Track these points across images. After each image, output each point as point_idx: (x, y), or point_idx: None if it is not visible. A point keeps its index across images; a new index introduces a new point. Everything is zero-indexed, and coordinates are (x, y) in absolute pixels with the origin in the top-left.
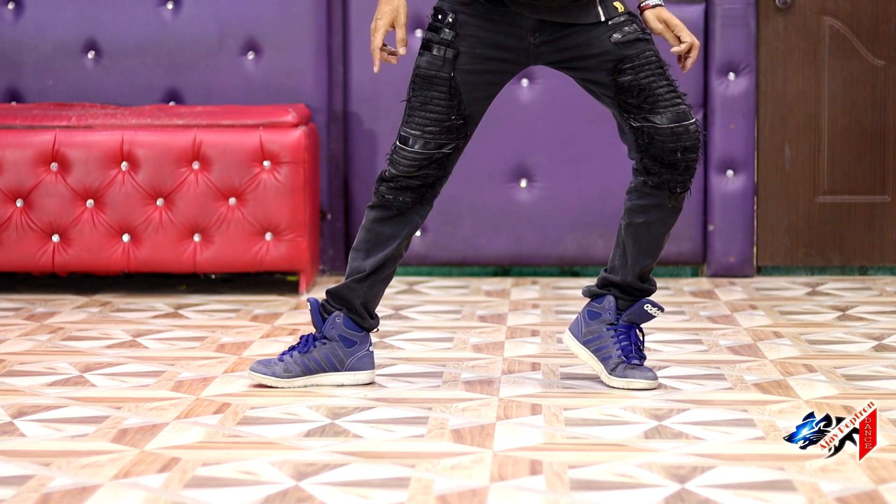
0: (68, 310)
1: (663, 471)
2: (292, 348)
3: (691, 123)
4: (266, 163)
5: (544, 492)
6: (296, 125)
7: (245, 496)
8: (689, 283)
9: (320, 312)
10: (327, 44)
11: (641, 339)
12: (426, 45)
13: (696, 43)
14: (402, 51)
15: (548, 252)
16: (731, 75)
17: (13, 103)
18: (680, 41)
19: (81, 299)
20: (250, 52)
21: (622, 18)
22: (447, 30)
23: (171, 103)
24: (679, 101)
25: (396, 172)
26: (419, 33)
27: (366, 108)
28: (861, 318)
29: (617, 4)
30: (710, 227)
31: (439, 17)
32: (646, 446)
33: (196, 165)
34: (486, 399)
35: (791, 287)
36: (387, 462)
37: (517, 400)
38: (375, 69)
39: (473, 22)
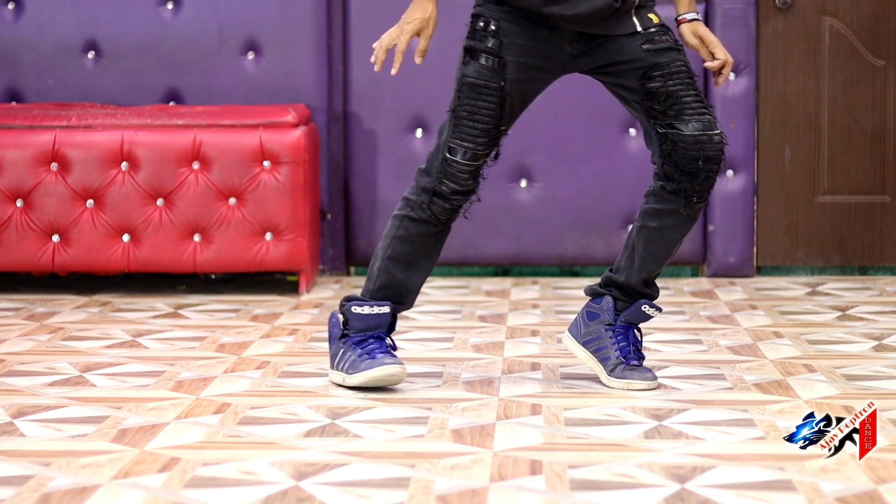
0: (68, 310)
1: (663, 471)
2: (388, 348)
3: (716, 134)
4: (266, 163)
5: (544, 492)
6: (296, 125)
7: (245, 496)
8: (689, 283)
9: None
10: (327, 44)
11: (640, 339)
12: (472, 54)
13: (730, 60)
14: (418, 61)
15: (548, 252)
16: (731, 75)
17: (13, 103)
18: (714, 57)
19: (81, 299)
20: (250, 52)
21: (655, 29)
22: (492, 38)
23: (171, 103)
24: (705, 111)
25: (457, 187)
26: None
27: (366, 108)
28: (861, 318)
29: (652, 16)
30: (710, 227)
31: (481, 23)
32: (646, 446)
33: (196, 165)
34: (486, 399)
35: (791, 287)
36: (387, 462)
37: (517, 400)
38: (394, 71)
39: (515, 30)
